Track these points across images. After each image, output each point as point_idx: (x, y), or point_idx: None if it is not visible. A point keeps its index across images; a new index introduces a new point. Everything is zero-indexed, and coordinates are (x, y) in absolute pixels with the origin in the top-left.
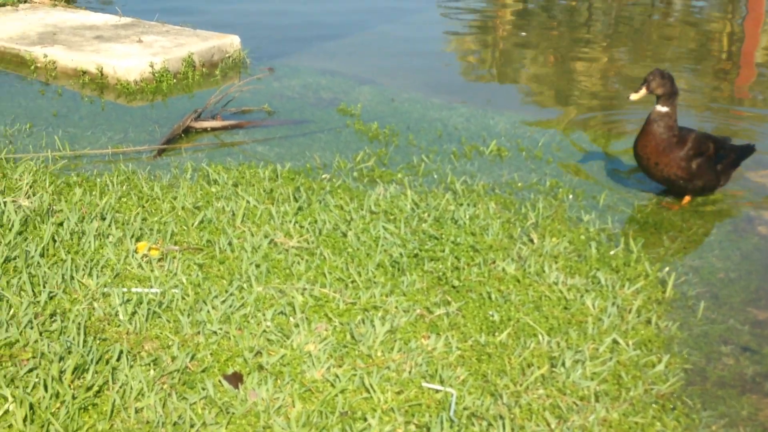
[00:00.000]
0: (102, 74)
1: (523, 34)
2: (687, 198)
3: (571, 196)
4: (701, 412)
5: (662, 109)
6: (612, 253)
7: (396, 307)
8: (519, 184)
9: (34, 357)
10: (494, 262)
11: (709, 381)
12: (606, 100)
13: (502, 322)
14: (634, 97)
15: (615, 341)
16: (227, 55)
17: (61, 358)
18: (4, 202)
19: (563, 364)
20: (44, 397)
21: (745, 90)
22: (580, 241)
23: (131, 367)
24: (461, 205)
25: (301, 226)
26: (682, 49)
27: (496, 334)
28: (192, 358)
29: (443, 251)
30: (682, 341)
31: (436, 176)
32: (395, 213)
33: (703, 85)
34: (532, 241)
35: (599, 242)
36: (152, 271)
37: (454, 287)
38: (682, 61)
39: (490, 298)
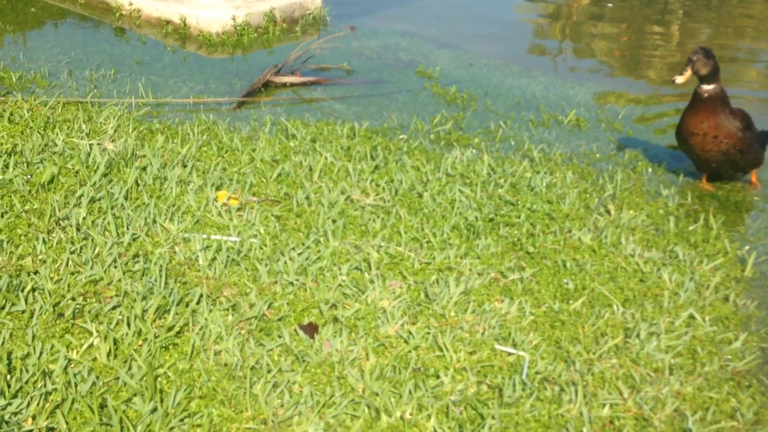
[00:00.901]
0: (185, 25)
1: (610, 5)
2: (753, 173)
3: (650, 170)
4: None
5: (709, 87)
6: (691, 228)
7: (470, 270)
8: (597, 155)
9: (117, 295)
10: (570, 231)
11: None
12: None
13: (576, 290)
14: (680, 79)
15: (691, 316)
16: (308, 12)
17: (144, 298)
18: (90, 145)
19: (638, 336)
20: (127, 334)
21: None
22: (658, 215)
23: (210, 311)
24: (538, 172)
25: (378, 185)
26: (764, 26)
27: (570, 302)
28: (269, 306)
29: (519, 217)
30: (760, 320)
31: (513, 143)
32: (471, 177)
33: None
34: (609, 212)
35: (678, 217)
36: (231, 220)
37: (528, 253)
38: (762, 39)
39: (564, 266)
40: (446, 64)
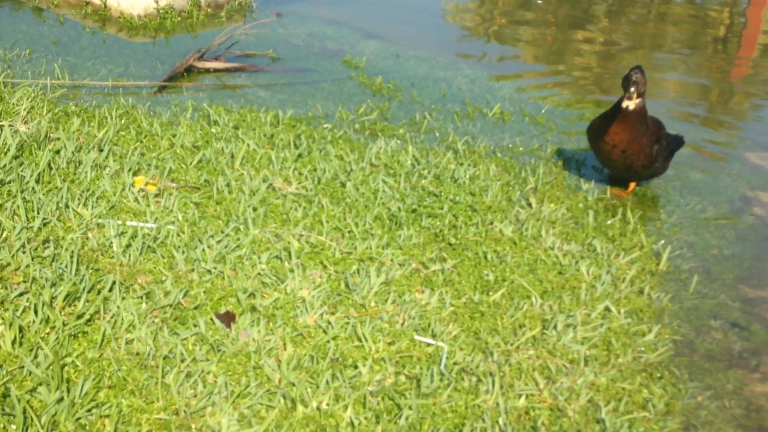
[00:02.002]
0: (105, 6)
1: (539, 2)
2: (633, 185)
3: (571, 164)
4: (688, 382)
5: (638, 101)
6: (609, 222)
7: (392, 260)
8: (520, 149)
9: (25, 281)
10: (492, 223)
11: (697, 353)
12: (609, 76)
13: (496, 282)
14: (632, 106)
15: (607, 308)
16: None
17: (53, 285)
18: (1, 126)
19: (555, 327)
20: (34, 322)
21: (742, 78)
22: (578, 209)
23: (123, 298)
24: (462, 164)
25: (300, 173)
26: (682, 34)
27: (490, 293)
28: (185, 294)
29: (441, 208)
30: (673, 313)
31: (437, 134)
32: (395, 167)
33: (701, 71)
34: (530, 205)
35: (597, 211)
36: (148, 206)
37: (450, 245)
38: (681, 44)
39: (485, 257)
40: (373, 54)
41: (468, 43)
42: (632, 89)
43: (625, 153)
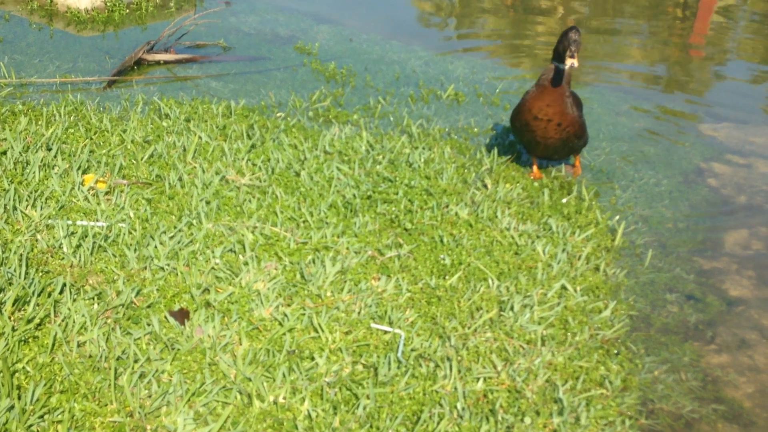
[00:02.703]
0: (51, 1)
1: None
2: (578, 159)
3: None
4: (644, 357)
5: (565, 66)
6: (564, 200)
7: (347, 248)
8: (475, 130)
9: None
10: (447, 207)
11: (654, 327)
12: None
13: (453, 265)
14: (576, 64)
15: (563, 287)
16: None
17: (1, 290)
18: None
19: (512, 309)
20: None
21: (700, 46)
22: (533, 188)
23: (74, 300)
24: (416, 148)
25: (254, 164)
26: (640, 3)
27: (447, 277)
28: (138, 293)
29: (397, 194)
30: (629, 288)
31: (392, 119)
32: (350, 154)
33: (658, 41)
34: (486, 186)
35: (552, 189)
36: (99, 204)
37: (406, 230)
38: (640, 15)
39: (441, 241)
40: (326, 39)
41: (422, 24)
42: (573, 48)
43: (561, 126)
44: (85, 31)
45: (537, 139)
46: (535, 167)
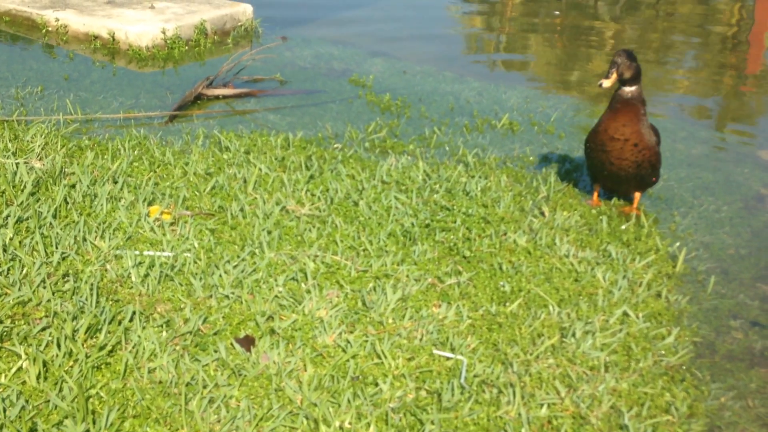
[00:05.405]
0: (113, 39)
1: (557, 12)
2: (638, 196)
3: (583, 171)
4: (710, 384)
5: (631, 88)
6: (623, 227)
7: (407, 276)
8: (531, 158)
9: (47, 316)
10: (505, 234)
11: (718, 354)
12: None
13: (512, 292)
14: (606, 83)
15: (625, 313)
16: (239, 24)
17: (74, 318)
18: (17, 164)
19: (573, 335)
20: (57, 356)
21: (754, 75)
22: (591, 215)
23: (144, 328)
24: (473, 177)
25: (313, 194)
26: (690, 32)
27: (507, 304)
28: (204, 320)
29: (454, 222)
30: (692, 315)
31: (447, 148)
32: (407, 183)
33: (711, 70)
34: (543, 214)
35: (610, 216)
36: (164, 234)
37: (465, 257)
38: (689, 44)
39: (500, 269)
40: (380, 72)
41: (475, 56)
42: (611, 69)
43: (637, 147)
44: (146, 68)
45: (612, 160)
46: (595, 194)
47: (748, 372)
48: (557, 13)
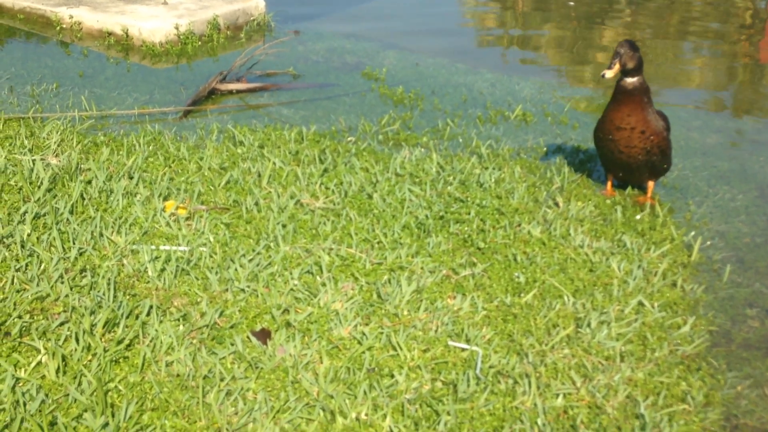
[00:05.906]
0: (127, 36)
1: (571, 3)
2: (651, 185)
3: (596, 161)
4: (726, 372)
5: (633, 79)
6: (638, 217)
7: (422, 268)
8: (544, 149)
9: (65, 311)
10: (520, 225)
11: (734, 343)
12: None
13: (527, 283)
14: (609, 74)
15: (640, 303)
16: (252, 18)
17: (92, 312)
18: (33, 160)
19: (588, 325)
20: (76, 350)
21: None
22: (606, 205)
23: (161, 322)
24: (486, 168)
25: (327, 188)
26: (705, 21)
27: (522, 295)
28: (221, 314)
29: (469, 214)
30: (708, 304)
31: (461, 140)
32: (421, 176)
33: (726, 60)
34: (557, 204)
35: (624, 206)
36: (180, 229)
37: (479, 249)
38: (704, 36)
39: (515, 260)
40: (392, 64)
41: (488, 48)
42: (614, 59)
43: (645, 134)
44: (159, 64)
45: (621, 148)
46: (609, 184)
47: (765, 360)
48: (572, 3)
